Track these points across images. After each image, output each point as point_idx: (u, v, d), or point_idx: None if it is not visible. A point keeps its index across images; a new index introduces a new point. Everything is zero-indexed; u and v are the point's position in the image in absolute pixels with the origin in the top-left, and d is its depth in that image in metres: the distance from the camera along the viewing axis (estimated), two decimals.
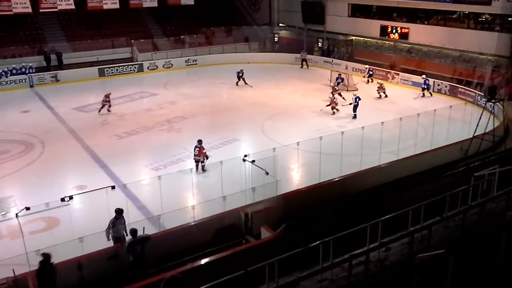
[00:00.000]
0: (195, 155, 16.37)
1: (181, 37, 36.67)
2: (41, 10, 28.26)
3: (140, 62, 33.36)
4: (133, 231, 10.25)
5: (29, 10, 27.44)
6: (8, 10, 26.85)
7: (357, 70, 31.21)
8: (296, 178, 16.06)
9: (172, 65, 34.21)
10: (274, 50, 38.69)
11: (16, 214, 9.94)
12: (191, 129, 20.95)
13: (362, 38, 33.91)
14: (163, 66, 33.96)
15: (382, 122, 16.10)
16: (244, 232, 11.86)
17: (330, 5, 35.27)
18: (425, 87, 25.61)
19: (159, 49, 35.26)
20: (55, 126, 21.76)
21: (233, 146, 18.78)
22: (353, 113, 21.92)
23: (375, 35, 32.47)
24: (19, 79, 29.05)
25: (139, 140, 19.74)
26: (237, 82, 28.51)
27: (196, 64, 34.77)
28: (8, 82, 28.73)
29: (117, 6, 30.13)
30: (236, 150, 17.94)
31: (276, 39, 39.93)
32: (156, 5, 32.32)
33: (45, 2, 27.69)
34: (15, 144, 19.23)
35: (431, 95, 25.79)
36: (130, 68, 32.74)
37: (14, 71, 29.22)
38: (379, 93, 25.53)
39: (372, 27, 32.53)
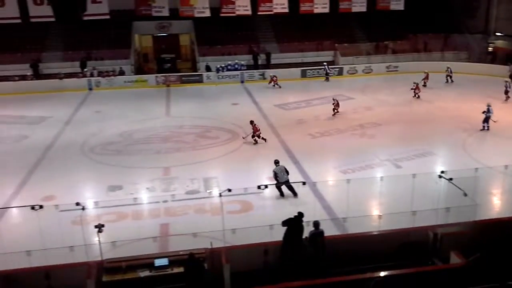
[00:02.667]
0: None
1: (385, 42, 36.02)
2: (258, 13, 30.89)
3: (341, 66, 33.92)
4: (316, 223, 10.43)
5: (249, 12, 30.28)
6: (232, 12, 30.12)
7: None
8: (498, 205, 14.39)
9: (372, 70, 33.91)
10: (486, 61, 35.07)
11: (220, 194, 11.18)
12: (384, 136, 20.50)
13: None
14: (363, 71, 33.90)
15: None
16: (431, 252, 11.15)
17: None
18: None
19: (361, 54, 35.29)
20: (258, 119, 23.66)
21: (427, 160, 17.74)
22: None
23: None
24: (233, 75, 32.48)
25: (331, 142, 20.15)
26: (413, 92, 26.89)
27: (397, 70, 33.78)
28: (224, 77, 32.43)
29: (327, 10, 31.12)
30: (430, 165, 16.96)
31: (490, 49, 36.10)
32: (365, 10, 32.32)
33: (263, 5, 30.20)
34: (224, 131, 21.57)
35: None
36: (331, 71, 33.56)
37: (229, 67, 32.87)
38: None
39: None
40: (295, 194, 14.58)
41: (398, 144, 19.29)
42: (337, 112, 23.51)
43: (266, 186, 11.85)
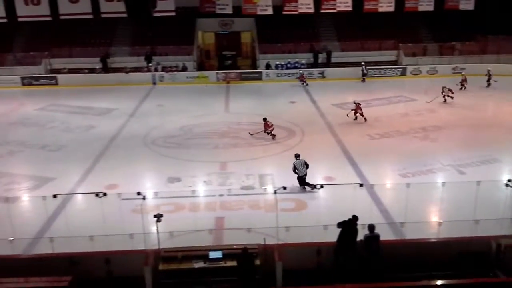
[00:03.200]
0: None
1: (452, 43, 34.56)
2: (321, 11, 30.61)
3: (404, 66, 32.95)
4: (371, 227, 10.23)
5: (312, 10, 30.06)
6: (294, 9, 30.04)
7: None
8: None
9: (436, 71, 32.68)
10: None
11: (275, 191, 11.25)
12: (448, 140, 19.72)
13: None
14: (427, 72, 32.75)
15: None
16: (493, 264, 10.64)
17: None
18: None
19: (426, 54, 34.08)
20: (315, 118, 23.55)
21: (492, 167, 16.85)
22: None
23: None
24: (292, 73, 32.43)
25: (391, 144, 19.65)
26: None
27: (463, 73, 32.28)
28: (283, 75, 32.48)
29: (392, 9, 30.28)
30: (496, 172, 16.15)
31: None
32: (432, 9, 31.14)
33: (326, 3, 29.89)
34: (281, 129, 21.60)
35: None
36: (393, 71, 32.72)
37: (289, 65, 32.88)
38: None
39: None
40: (313, 187, 14.73)
41: (462, 149, 18.48)
42: (361, 115, 22.58)
43: (321, 186, 11.78)
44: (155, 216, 9.87)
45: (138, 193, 10.98)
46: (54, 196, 11.58)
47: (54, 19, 27.35)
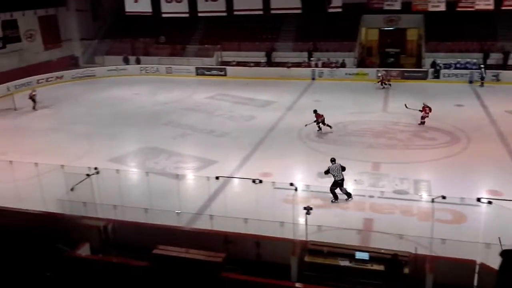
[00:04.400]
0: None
1: None
2: (503, 8, 27.62)
3: None
4: None
5: (491, 7, 27.35)
6: (471, 6, 27.66)
7: None
8: None
9: None
10: None
11: (433, 200, 10.60)
12: None
13: None
14: None
15: None
16: None
17: None
18: None
19: None
20: (484, 125, 21.45)
21: None
22: None
23: None
24: (460, 74, 29.95)
25: None
26: None
27: None
28: (449, 75, 30.18)
29: None
30: None
31: None
32: None
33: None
34: (442, 133, 20.21)
35: None
36: None
37: (458, 65, 30.40)
38: None
39: None
40: (348, 195, 14.35)
41: None
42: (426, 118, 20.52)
43: (489, 202, 10.72)
44: (305, 208, 10.10)
45: (291, 184, 11.33)
46: (217, 177, 12.61)
47: (228, 15, 29.55)
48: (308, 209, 10.08)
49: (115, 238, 11.81)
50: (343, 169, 14.50)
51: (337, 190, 14.48)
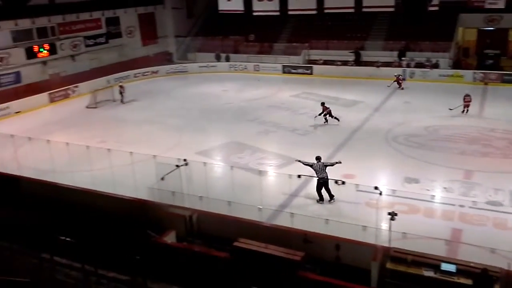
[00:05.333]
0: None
1: None
2: None
3: None
4: None
5: None
6: None
7: None
8: None
9: None
10: None
11: None
12: None
13: None
14: None
15: None
16: None
17: None
18: None
19: None
20: None
21: None
22: None
23: None
24: None
25: None
26: None
27: None
28: None
29: None
30: None
31: None
32: None
33: None
34: None
35: None
36: None
37: None
38: None
39: None
40: (331, 197, 14.07)
41: None
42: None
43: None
44: (389, 213, 9.83)
45: (376, 188, 11.08)
46: (299, 176, 12.68)
47: (317, 13, 29.35)
48: (392, 215, 9.81)
49: (199, 228, 12.32)
50: (326, 166, 14.35)
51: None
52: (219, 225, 12.14)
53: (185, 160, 13.06)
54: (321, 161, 14.49)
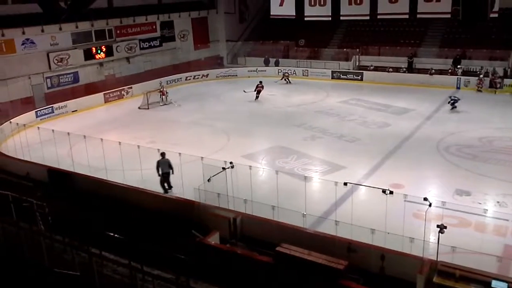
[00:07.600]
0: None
1: None
2: None
3: None
4: None
5: None
6: None
7: None
8: None
9: None
10: None
11: None
12: None
13: None
14: None
15: None
16: None
17: None
18: None
19: None
20: None
21: None
22: None
23: None
24: None
25: None
26: None
27: None
28: None
29: None
30: None
31: None
32: None
33: None
34: None
35: None
36: None
37: None
38: None
39: None
40: (170, 187, 15.51)
41: None
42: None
43: None
44: (438, 226, 9.53)
45: (425, 199, 10.75)
46: (345, 183, 12.48)
47: (370, 18, 28.86)
48: (442, 228, 9.51)
49: (242, 231, 12.43)
50: (171, 167, 15.51)
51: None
52: (262, 229, 12.20)
53: (231, 162, 13.21)
54: (165, 157, 15.68)
